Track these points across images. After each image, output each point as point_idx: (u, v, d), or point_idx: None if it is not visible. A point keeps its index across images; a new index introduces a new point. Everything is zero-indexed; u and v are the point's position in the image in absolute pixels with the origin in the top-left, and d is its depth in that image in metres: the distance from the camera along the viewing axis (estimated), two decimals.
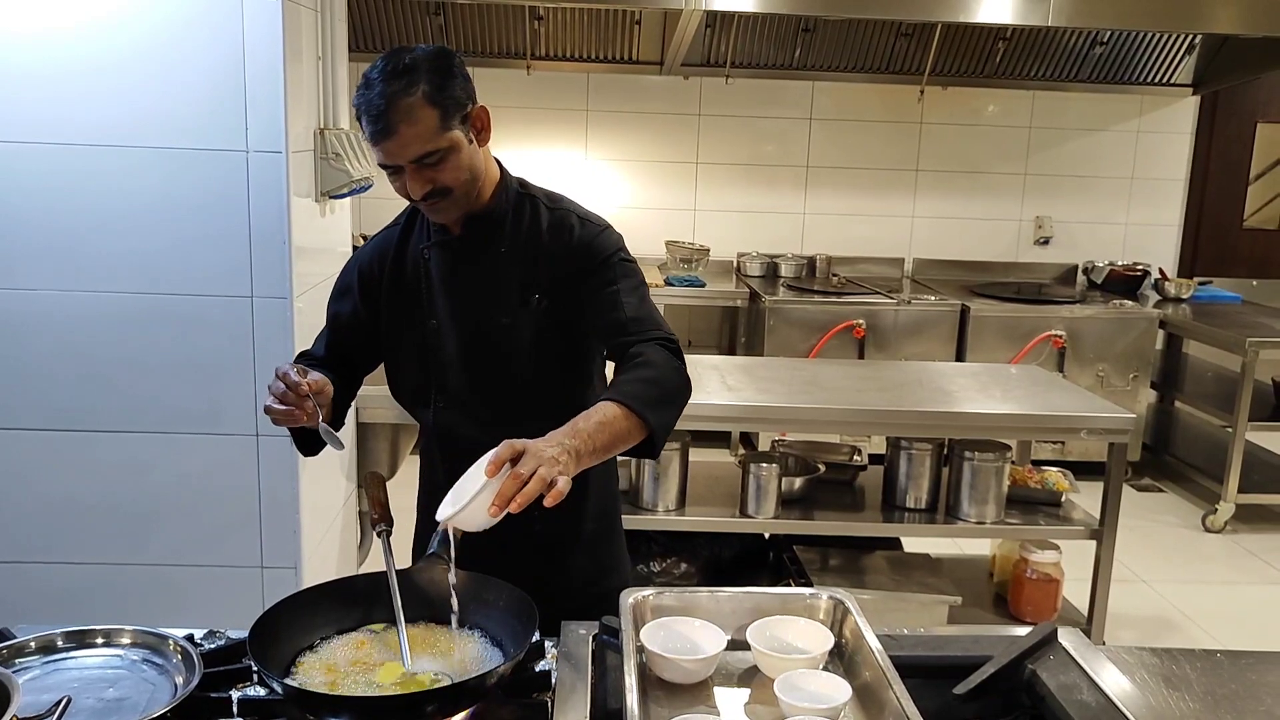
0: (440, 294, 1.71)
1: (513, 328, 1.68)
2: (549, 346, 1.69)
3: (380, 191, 3.78)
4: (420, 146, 1.54)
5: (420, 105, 1.53)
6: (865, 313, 4.92)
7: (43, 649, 1.38)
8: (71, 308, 2.38)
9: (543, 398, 1.68)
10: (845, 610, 1.44)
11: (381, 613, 1.44)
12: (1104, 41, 5.32)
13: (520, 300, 1.68)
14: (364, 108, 1.54)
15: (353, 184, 2.65)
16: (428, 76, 1.54)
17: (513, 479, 1.31)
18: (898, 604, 3.06)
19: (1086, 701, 1.31)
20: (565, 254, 1.68)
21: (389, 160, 1.56)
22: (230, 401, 2.43)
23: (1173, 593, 4.01)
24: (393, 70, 1.53)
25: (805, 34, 5.23)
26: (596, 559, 1.82)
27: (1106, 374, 5.01)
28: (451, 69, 1.57)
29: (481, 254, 1.70)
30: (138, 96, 2.30)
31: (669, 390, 1.58)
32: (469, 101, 1.60)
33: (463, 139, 1.59)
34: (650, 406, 1.51)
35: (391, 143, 1.53)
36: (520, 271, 1.68)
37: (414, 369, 1.74)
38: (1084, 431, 3.10)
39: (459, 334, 1.70)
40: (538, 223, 1.70)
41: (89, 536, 2.49)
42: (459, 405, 1.71)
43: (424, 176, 1.57)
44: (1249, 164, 5.93)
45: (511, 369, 1.69)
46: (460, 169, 1.60)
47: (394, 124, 1.52)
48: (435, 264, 1.71)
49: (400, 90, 1.52)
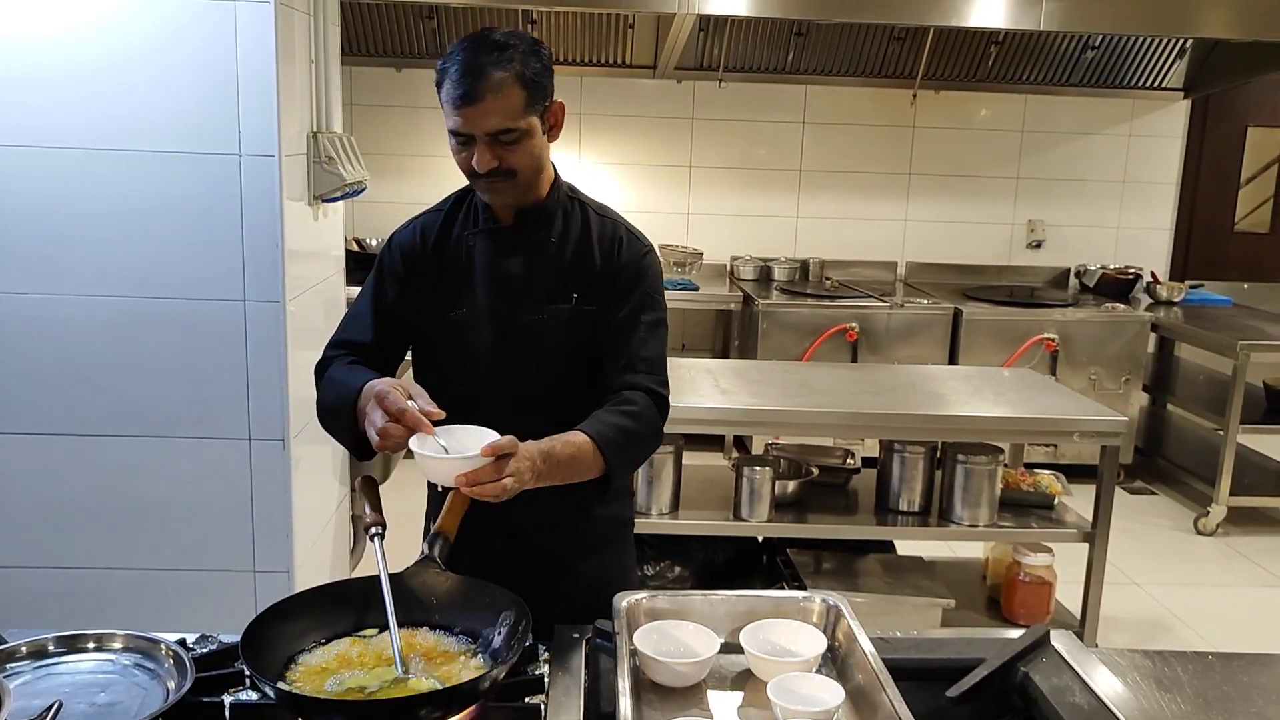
0: (480, 282, 1.71)
1: (546, 323, 1.69)
2: (575, 348, 1.70)
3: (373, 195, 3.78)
4: (500, 121, 1.56)
5: (511, 81, 1.55)
6: (858, 316, 4.93)
7: (34, 654, 1.38)
8: (63, 311, 2.37)
9: (558, 396, 1.68)
10: (838, 613, 1.45)
11: (374, 617, 1.44)
12: (1096, 46, 5.33)
13: (559, 297, 1.69)
14: (452, 71, 1.55)
15: (345, 187, 2.65)
16: (523, 58, 1.57)
17: (493, 470, 1.40)
18: (891, 607, 3.07)
19: (1079, 704, 1.31)
20: (608, 264, 1.70)
21: (466, 128, 1.56)
22: (223, 405, 2.43)
23: (1165, 595, 4.02)
24: (490, 43, 1.55)
25: (798, 38, 5.24)
26: (606, 566, 1.81)
27: (1099, 377, 5.02)
28: (544, 58, 1.61)
29: (528, 246, 1.71)
30: (130, 100, 2.30)
31: (640, 444, 1.66)
32: (551, 94, 1.64)
33: (539, 127, 1.62)
34: (617, 452, 1.59)
35: (474, 110, 1.55)
36: (563, 270, 1.70)
37: (442, 355, 1.74)
38: (1076, 434, 3.11)
39: (493, 324, 1.70)
40: (587, 227, 1.73)
41: (80, 541, 2.48)
42: (480, 395, 1.70)
43: (494, 153, 1.58)
44: (1240, 168, 5.95)
45: (537, 364, 1.70)
46: (530, 155, 1.62)
47: (481, 92, 1.53)
48: (480, 251, 1.72)
49: (494, 62, 1.54)
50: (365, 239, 5.28)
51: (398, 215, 1.88)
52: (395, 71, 5.36)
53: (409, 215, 1.84)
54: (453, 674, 1.34)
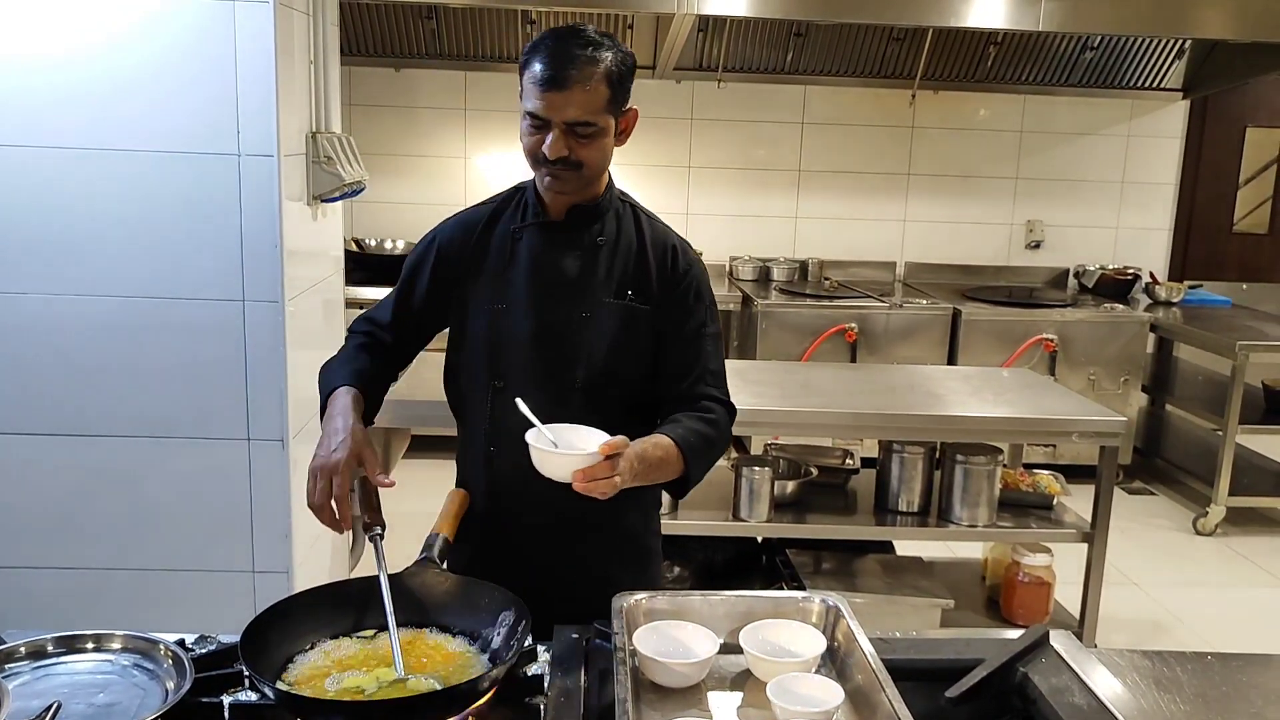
0: (524, 276, 1.73)
1: (592, 320, 1.70)
2: (623, 347, 1.71)
3: (372, 195, 3.79)
4: (581, 113, 1.59)
5: (600, 77, 1.59)
6: (857, 316, 4.93)
7: (33, 654, 1.38)
8: (62, 312, 2.37)
9: (599, 395, 1.69)
10: (838, 613, 1.45)
11: (373, 617, 1.44)
12: (1094, 46, 5.34)
13: (610, 293, 1.71)
14: (545, 55, 1.58)
15: (344, 187, 2.65)
16: (614, 60, 1.62)
17: (605, 468, 1.45)
18: (890, 607, 3.06)
19: (1078, 704, 1.31)
20: (663, 270, 1.73)
21: (548, 113, 1.59)
22: (222, 406, 2.43)
23: (1164, 595, 4.02)
24: (586, 37, 1.60)
25: (797, 38, 5.24)
26: (625, 564, 1.82)
27: (1098, 377, 5.02)
28: (633, 69, 1.67)
29: (578, 242, 1.73)
30: (129, 100, 2.30)
31: (715, 452, 1.73)
32: (629, 102, 1.69)
33: (613, 128, 1.66)
34: (698, 461, 1.67)
35: (559, 96, 1.57)
36: (613, 267, 1.72)
37: (480, 348, 1.75)
38: (1075, 435, 3.11)
39: (536, 318, 1.71)
40: (640, 229, 1.76)
41: (79, 541, 2.48)
42: (519, 391, 1.69)
43: (567, 143, 1.60)
44: (1238, 168, 5.95)
45: (580, 361, 1.70)
46: (600, 152, 1.65)
47: (571, 80, 1.57)
48: (527, 245, 1.74)
49: (589, 57, 1.59)
50: (364, 239, 5.27)
51: (397, 215, 1.89)
52: (394, 72, 5.36)
53: (408, 215, 1.85)
54: (451, 674, 1.34)
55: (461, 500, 1.73)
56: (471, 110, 5.41)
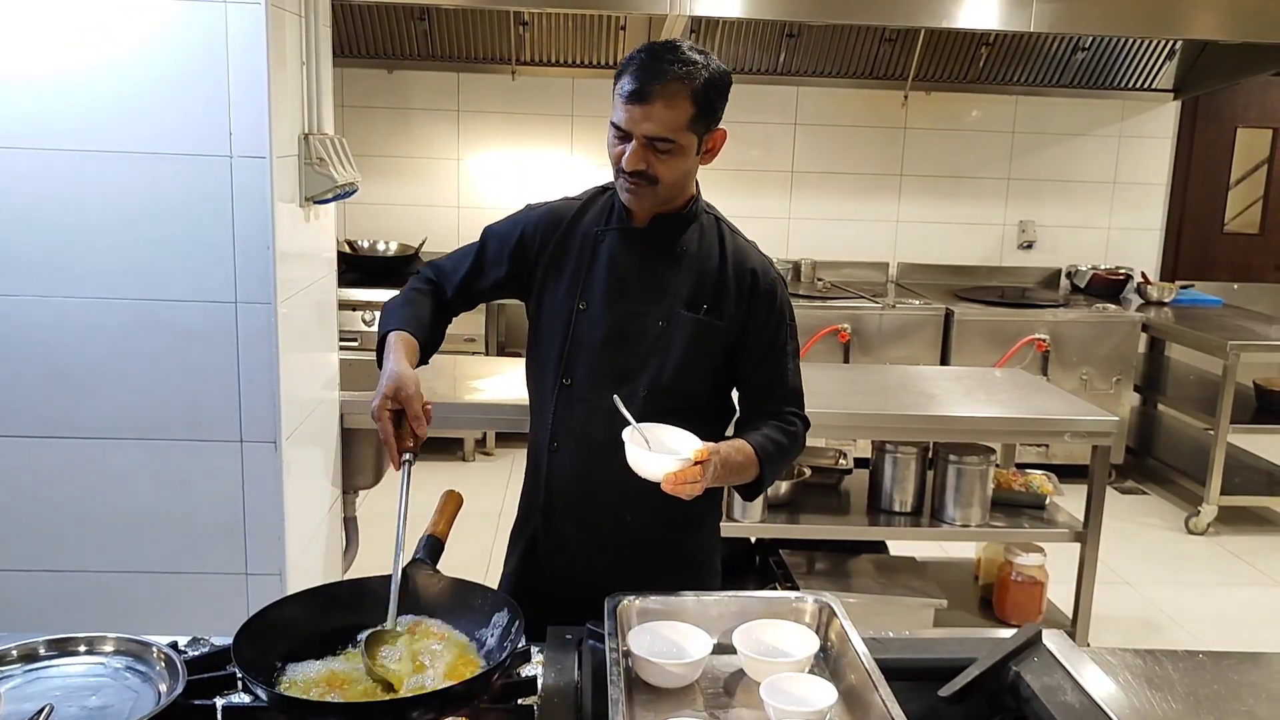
0: (602, 279, 1.74)
1: (667, 330, 1.72)
2: (693, 359, 1.73)
3: (365, 197, 3.78)
4: (661, 129, 1.59)
5: (685, 94, 1.59)
6: (850, 317, 4.94)
7: (25, 657, 1.37)
8: (53, 314, 2.36)
9: (661, 404, 1.70)
10: (831, 613, 1.45)
11: (366, 618, 1.44)
12: (1086, 47, 5.35)
13: (686, 305, 1.72)
14: (636, 67, 1.59)
15: (337, 189, 2.64)
16: (707, 79, 1.60)
17: (695, 473, 1.49)
18: (884, 607, 3.07)
19: (1070, 703, 1.31)
20: (742, 286, 1.75)
21: (628, 125, 1.60)
22: (214, 407, 2.42)
23: (1157, 594, 4.03)
24: (680, 54, 1.59)
25: (790, 39, 5.25)
26: (676, 573, 1.82)
27: (1090, 377, 5.04)
28: (726, 88, 1.65)
29: (660, 251, 1.74)
30: (120, 102, 2.29)
31: (788, 461, 1.82)
32: (718, 120, 1.67)
33: (695, 146, 1.65)
34: (772, 467, 1.73)
35: (640, 109, 1.58)
36: (691, 279, 1.73)
37: (554, 345, 1.77)
38: (1068, 434, 3.12)
39: (609, 322, 1.73)
40: (722, 243, 1.77)
41: (71, 543, 2.47)
42: (584, 391, 1.73)
43: (645, 157, 1.61)
44: (1229, 168, 5.98)
45: (650, 369, 1.72)
46: (677, 170, 1.65)
47: (655, 94, 1.57)
48: (608, 248, 1.75)
49: (679, 74, 1.58)
50: (357, 240, 5.27)
51: (390, 216, 1.90)
52: (387, 73, 5.35)
53: (401, 216, 1.87)
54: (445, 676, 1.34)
55: (455, 500, 1.73)
56: (464, 111, 5.41)
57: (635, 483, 1.54)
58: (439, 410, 1.84)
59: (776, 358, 1.78)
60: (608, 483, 1.69)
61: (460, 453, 5.20)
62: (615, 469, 1.57)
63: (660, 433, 1.59)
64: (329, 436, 2.85)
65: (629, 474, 1.53)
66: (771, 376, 1.79)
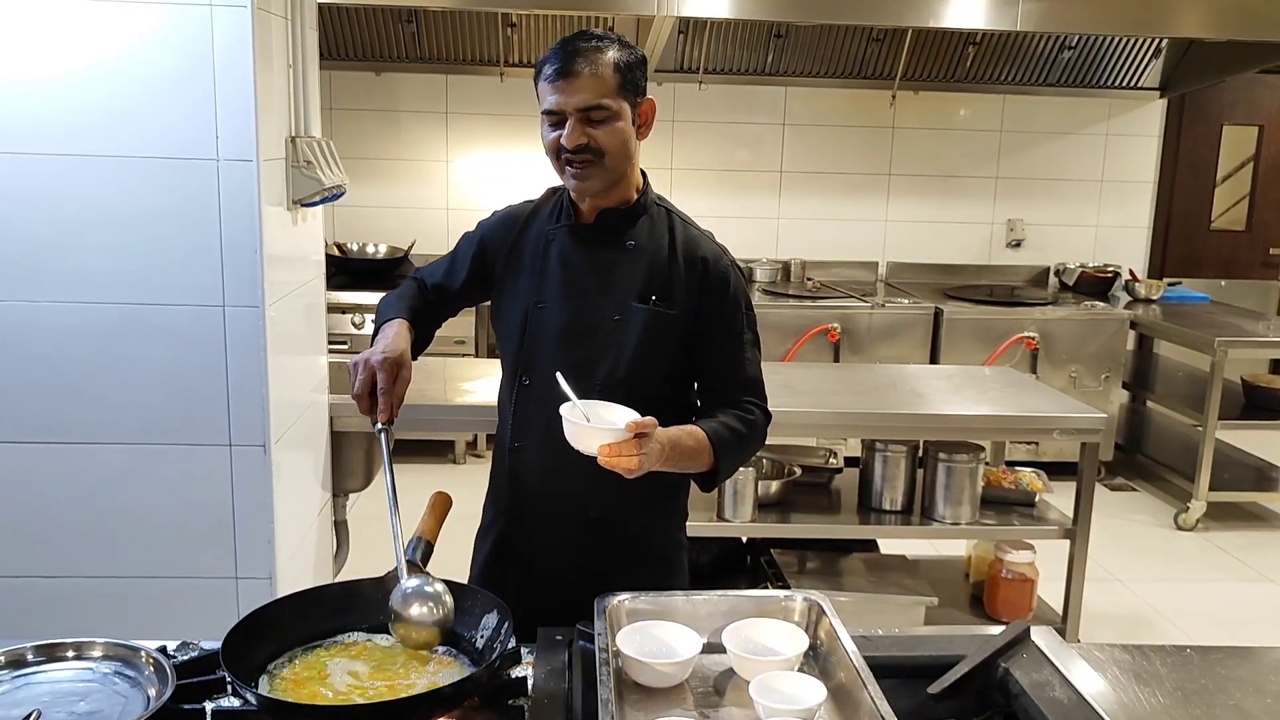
0: (555, 277, 1.76)
1: (621, 324, 1.73)
2: (648, 351, 1.73)
3: (353, 199, 3.77)
4: (592, 96, 1.64)
5: (607, 64, 1.65)
6: (840, 316, 4.95)
7: (12, 663, 1.37)
8: (40, 318, 2.36)
9: (623, 399, 1.68)
10: (820, 611, 1.45)
11: (356, 621, 1.44)
12: (1072, 46, 5.37)
13: (637, 298, 1.73)
14: (552, 55, 1.66)
15: (325, 192, 2.64)
16: (620, 51, 1.67)
17: (632, 445, 1.47)
18: (875, 605, 3.08)
19: (1059, 699, 1.32)
20: (693, 275, 1.75)
21: (559, 104, 1.65)
22: (203, 411, 2.41)
23: (1146, 591, 4.05)
24: (589, 34, 1.67)
25: (778, 40, 5.25)
26: (642, 568, 1.82)
27: (1079, 375, 5.06)
28: (642, 60, 1.71)
29: (609, 245, 1.76)
30: (107, 106, 2.28)
31: (746, 452, 1.80)
32: (644, 91, 1.72)
33: (629, 114, 1.69)
34: (728, 456, 1.71)
35: (568, 83, 1.63)
36: (642, 271, 1.74)
37: (511, 345, 1.81)
38: (1057, 432, 3.13)
39: (564, 319, 1.75)
40: (672, 233, 1.78)
41: (59, 548, 2.46)
42: (543, 390, 1.73)
43: (584, 131, 1.65)
44: (1216, 166, 6.01)
45: (605, 362, 1.73)
46: (618, 137, 1.68)
47: (578, 68, 1.63)
48: (558, 246, 1.78)
49: (593, 47, 1.65)
50: (346, 243, 5.26)
51: (378, 219, 1.91)
52: (374, 75, 5.34)
53: (389, 218, 1.89)
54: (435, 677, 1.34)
55: (444, 502, 1.73)
56: (453, 113, 5.41)
57: (599, 480, 1.54)
58: (429, 412, 1.85)
59: (733, 347, 1.77)
60: (571, 480, 1.70)
61: (451, 455, 5.19)
62: (577, 466, 1.56)
63: (602, 409, 1.57)
64: (319, 440, 2.85)
65: (592, 467, 1.51)
66: (728, 365, 1.78)
